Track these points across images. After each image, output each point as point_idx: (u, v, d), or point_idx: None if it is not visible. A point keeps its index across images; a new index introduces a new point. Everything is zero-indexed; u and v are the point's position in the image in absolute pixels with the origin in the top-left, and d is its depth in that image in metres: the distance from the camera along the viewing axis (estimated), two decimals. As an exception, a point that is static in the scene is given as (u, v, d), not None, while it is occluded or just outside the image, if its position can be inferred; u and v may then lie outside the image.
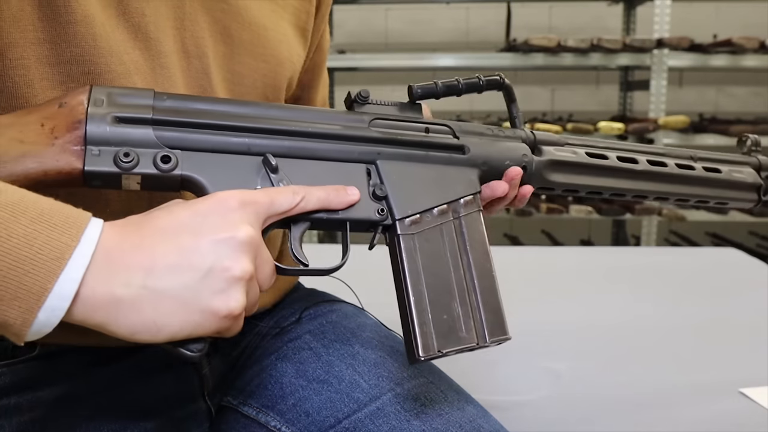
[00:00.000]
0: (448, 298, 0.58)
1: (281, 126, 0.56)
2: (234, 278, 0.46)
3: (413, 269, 0.57)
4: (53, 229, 0.42)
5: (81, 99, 0.50)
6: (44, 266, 0.41)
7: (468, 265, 0.59)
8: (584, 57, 2.88)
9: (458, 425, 0.63)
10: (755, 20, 3.27)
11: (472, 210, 0.61)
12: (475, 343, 0.58)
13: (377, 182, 0.58)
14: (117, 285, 0.43)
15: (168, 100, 0.53)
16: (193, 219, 0.47)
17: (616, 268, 1.70)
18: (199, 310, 0.45)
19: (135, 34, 0.58)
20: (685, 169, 0.74)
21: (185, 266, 0.45)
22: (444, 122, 0.64)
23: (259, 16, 0.68)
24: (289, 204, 0.53)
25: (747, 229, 3.36)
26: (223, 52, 0.65)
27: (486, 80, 0.64)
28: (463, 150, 0.62)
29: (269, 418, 0.69)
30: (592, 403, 0.96)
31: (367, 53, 3.18)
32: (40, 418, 0.63)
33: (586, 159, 0.69)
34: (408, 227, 0.58)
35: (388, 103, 0.62)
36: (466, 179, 0.62)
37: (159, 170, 0.51)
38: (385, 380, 0.68)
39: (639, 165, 0.71)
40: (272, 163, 0.54)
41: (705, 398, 0.97)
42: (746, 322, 1.28)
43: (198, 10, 0.63)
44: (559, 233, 3.38)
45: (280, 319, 0.78)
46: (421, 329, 0.56)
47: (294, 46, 0.72)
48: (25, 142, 0.47)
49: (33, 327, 0.41)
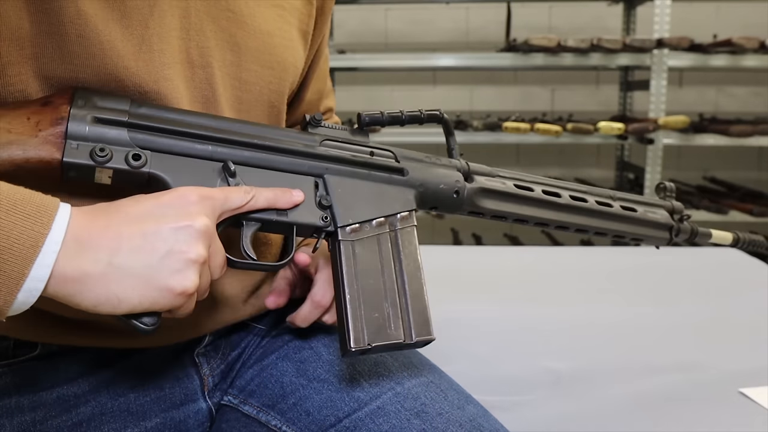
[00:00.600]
0: (379, 299, 0.64)
1: (242, 138, 0.62)
2: (190, 260, 0.51)
3: (350, 272, 0.64)
4: (26, 219, 0.46)
5: (65, 99, 0.55)
6: (20, 254, 0.46)
7: (400, 271, 0.66)
8: (584, 57, 2.87)
9: (458, 424, 0.64)
10: (755, 20, 3.27)
11: (407, 225, 0.68)
12: (402, 339, 0.64)
13: (323, 194, 0.65)
14: (86, 262, 0.48)
15: (143, 108, 0.59)
16: (156, 208, 0.52)
17: (616, 268, 1.70)
18: (158, 287, 0.50)
19: (139, 47, 0.58)
20: (604, 206, 0.82)
21: (148, 248, 0.50)
22: (388, 148, 0.70)
23: (265, 23, 0.68)
24: (241, 201, 0.58)
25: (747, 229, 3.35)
26: (230, 61, 0.66)
27: (427, 114, 0.71)
28: (402, 172, 0.69)
29: (270, 417, 0.70)
30: (592, 403, 0.96)
31: (367, 53, 3.19)
32: (41, 418, 0.63)
33: (513, 190, 0.76)
34: (348, 234, 0.65)
35: (338, 127, 0.69)
36: (403, 198, 0.69)
37: (130, 166, 0.56)
38: (385, 379, 0.68)
39: (561, 199, 0.78)
40: (231, 168, 0.60)
41: (705, 398, 0.97)
42: (746, 322, 1.28)
43: (204, 20, 0.63)
44: (559, 233, 3.38)
45: (281, 319, 0.78)
46: (354, 324, 0.62)
47: (298, 50, 0.73)
48: (12, 131, 0.52)
49: (13, 306, 0.47)
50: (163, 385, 0.69)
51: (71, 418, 0.65)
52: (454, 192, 0.72)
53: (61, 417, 0.64)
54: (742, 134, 2.84)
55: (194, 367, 0.71)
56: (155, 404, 0.68)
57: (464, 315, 1.26)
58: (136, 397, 0.68)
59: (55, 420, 0.64)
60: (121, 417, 0.66)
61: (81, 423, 0.65)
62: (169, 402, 0.69)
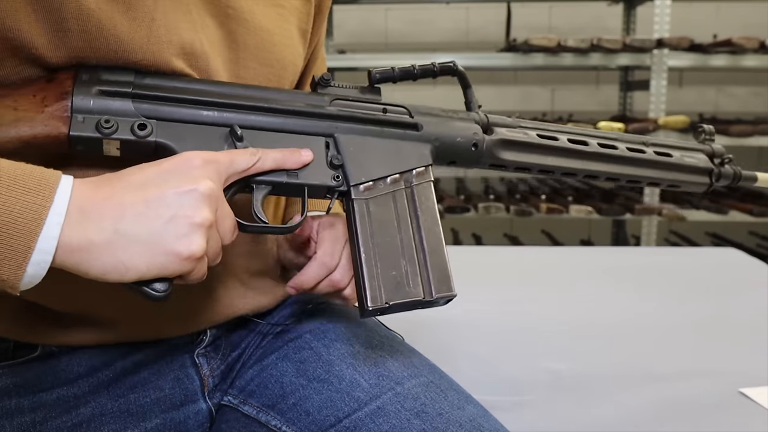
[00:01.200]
0: (396, 256, 0.63)
1: (248, 102, 0.61)
2: (195, 224, 0.51)
3: (364, 230, 0.63)
4: (28, 193, 0.47)
5: (69, 75, 0.56)
6: (25, 228, 0.46)
7: (417, 228, 0.65)
8: (584, 57, 2.87)
9: (458, 424, 0.63)
10: (755, 20, 3.27)
11: (423, 180, 0.67)
12: (421, 296, 0.63)
13: (335, 153, 0.64)
14: (91, 231, 0.48)
15: (147, 78, 0.58)
16: (159, 174, 0.52)
17: (616, 268, 1.70)
18: (164, 253, 0.50)
19: (148, 38, 0.58)
20: (636, 152, 0.78)
21: (151, 215, 0.50)
22: (402, 104, 0.69)
23: (265, 20, 0.68)
24: (247, 163, 0.58)
25: (747, 229, 3.36)
26: (229, 57, 0.65)
27: (440, 66, 0.69)
28: (416, 127, 0.68)
29: (270, 417, 0.70)
30: (592, 403, 0.96)
31: (367, 53, 3.19)
32: (40, 419, 0.63)
33: (536, 140, 0.73)
34: (361, 192, 0.64)
35: (349, 86, 0.68)
36: (418, 153, 0.67)
37: (136, 136, 0.56)
38: (385, 379, 0.68)
39: (589, 147, 0.75)
40: (237, 132, 0.60)
41: (705, 398, 0.97)
42: (746, 322, 1.28)
43: (205, 16, 0.63)
44: (559, 233, 3.38)
45: (281, 320, 0.78)
46: (370, 283, 0.62)
47: (297, 48, 0.73)
48: (19, 109, 0.53)
49: (24, 280, 0.47)
50: (163, 386, 0.69)
51: (71, 419, 0.64)
52: (472, 145, 0.70)
53: (61, 418, 0.64)
54: (742, 134, 2.84)
55: (194, 367, 0.71)
56: (155, 405, 0.68)
57: (464, 315, 1.26)
58: (136, 398, 0.67)
59: (55, 421, 0.64)
60: (121, 418, 0.66)
61: (81, 424, 0.65)
62: (169, 403, 0.69)
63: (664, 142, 0.82)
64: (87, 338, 0.65)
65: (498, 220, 3.40)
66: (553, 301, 1.42)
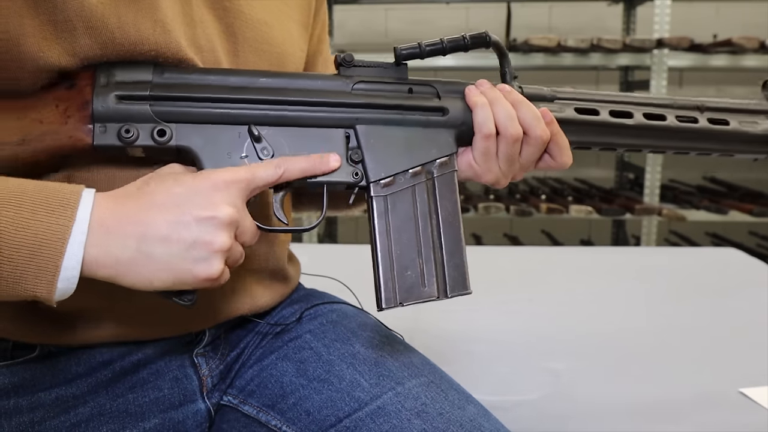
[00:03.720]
0: (413, 255, 0.63)
1: (265, 96, 0.60)
2: (214, 251, 0.54)
3: (382, 229, 0.62)
4: (51, 214, 0.50)
5: (88, 80, 0.57)
6: (51, 248, 0.49)
7: (437, 224, 0.64)
8: (584, 57, 2.87)
9: (459, 424, 0.63)
10: (755, 20, 3.26)
11: (446, 171, 0.64)
12: (435, 296, 0.63)
13: (355, 146, 0.62)
14: (115, 248, 0.51)
15: (165, 73, 0.59)
16: (182, 197, 0.54)
17: (616, 268, 1.70)
18: (184, 273, 0.53)
19: (153, 28, 0.58)
20: (687, 122, 0.72)
21: (174, 238, 0.52)
22: (430, 82, 0.66)
23: (263, 13, 0.68)
24: (271, 177, 0.58)
25: (747, 229, 3.35)
26: (228, 49, 0.66)
27: (471, 38, 0.66)
28: (442, 111, 0.65)
29: (270, 417, 0.70)
30: (592, 403, 0.96)
31: (367, 53, 3.18)
32: (39, 419, 0.63)
33: (573, 116, 0.69)
34: (381, 189, 0.63)
35: (374, 63, 0.66)
36: (443, 141, 0.65)
37: (156, 143, 0.58)
38: (385, 379, 0.68)
39: (633, 119, 0.70)
40: (255, 133, 0.59)
41: (705, 398, 0.97)
42: (746, 322, 1.28)
43: (203, 9, 0.64)
44: (559, 233, 3.38)
45: (280, 320, 0.78)
46: (386, 284, 0.62)
47: (298, 41, 0.73)
48: (44, 122, 0.56)
49: (56, 294, 0.50)
50: (162, 386, 0.69)
51: (69, 419, 0.64)
52: None
53: (59, 418, 0.64)
54: (742, 134, 2.84)
55: (193, 367, 0.71)
56: (154, 405, 0.68)
57: (464, 315, 1.26)
58: (135, 398, 0.67)
59: (53, 421, 0.64)
60: (120, 418, 0.66)
61: (79, 424, 0.65)
62: (168, 403, 0.69)
63: (721, 105, 0.74)
64: (87, 338, 0.65)
65: (498, 220, 3.40)
66: (553, 301, 1.42)
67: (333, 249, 2.07)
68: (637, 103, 0.71)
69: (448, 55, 0.66)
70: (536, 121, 0.65)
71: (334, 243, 3.36)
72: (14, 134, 0.55)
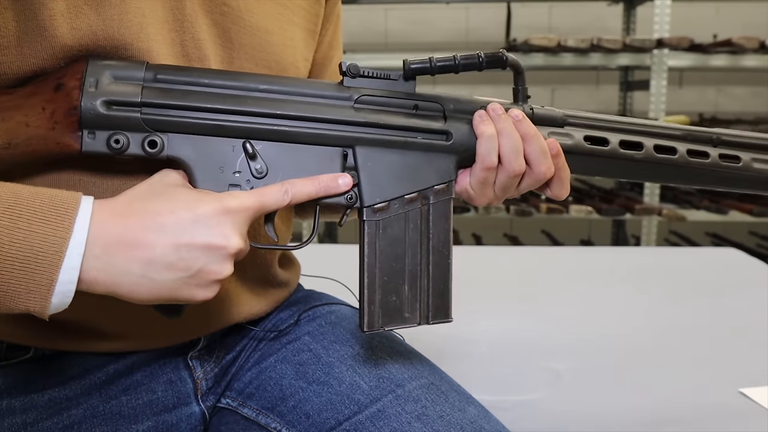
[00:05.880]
0: (399, 282, 0.62)
1: (263, 108, 0.57)
2: (219, 280, 0.54)
3: (371, 253, 0.61)
4: (47, 225, 0.47)
5: (77, 81, 0.54)
6: (47, 261, 0.47)
7: (427, 250, 0.63)
8: (584, 57, 2.87)
9: (460, 427, 0.63)
10: (755, 20, 3.26)
11: (443, 198, 0.63)
12: (417, 322, 0.63)
13: (351, 166, 0.60)
14: (116, 273, 0.50)
15: (159, 73, 0.56)
16: (190, 223, 0.52)
17: (616, 268, 1.70)
18: (183, 296, 0.53)
19: (137, 35, 0.57)
20: (696, 156, 0.69)
21: (181, 266, 0.52)
22: (437, 98, 0.63)
23: (263, 19, 0.66)
24: (279, 205, 0.57)
25: (747, 229, 3.35)
26: (222, 57, 0.63)
27: (486, 57, 0.62)
28: (446, 135, 0.63)
29: (269, 419, 0.69)
30: (591, 403, 0.96)
31: (367, 53, 3.18)
32: (32, 420, 0.63)
33: (581, 146, 0.67)
34: (373, 214, 0.61)
35: (381, 74, 0.62)
36: (443, 166, 0.63)
37: (146, 153, 0.55)
38: (385, 381, 0.68)
39: (641, 153, 0.68)
40: (249, 150, 0.57)
41: (705, 398, 0.97)
42: (746, 322, 1.28)
43: (198, 12, 0.61)
44: (559, 233, 3.38)
45: (277, 323, 0.77)
46: (369, 308, 0.62)
47: (300, 49, 0.70)
48: (30, 125, 0.53)
49: (50, 309, 0.48)
50: (156, 389, 0.69)
51: (62, 421, 0.64)
52: None
53: (52, 419, 0.64)
54: (742, 134, 2.84)
55: (187, 370, 0.71)
56: (147, 407, 0.68)
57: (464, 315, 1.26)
58: (128, 401, 0.67)
59: (46, 422, 0.64)
60: (113, 420, 0.66)
61: (72, 425, 0.64)
62: (161, 405, 0.69)
63: (737, 140, 0.71)
64: (80, 345, 0.65)
65: (498, 220, 3.40)
66: (553, 300, 1.42)
67: (333, 249, 2.07)
68: (650, 133, 0.69)
69: (460, 73, 0.63)
70: (542, 157, 0.64)
71: (334, 243, 3.35)
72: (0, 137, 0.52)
